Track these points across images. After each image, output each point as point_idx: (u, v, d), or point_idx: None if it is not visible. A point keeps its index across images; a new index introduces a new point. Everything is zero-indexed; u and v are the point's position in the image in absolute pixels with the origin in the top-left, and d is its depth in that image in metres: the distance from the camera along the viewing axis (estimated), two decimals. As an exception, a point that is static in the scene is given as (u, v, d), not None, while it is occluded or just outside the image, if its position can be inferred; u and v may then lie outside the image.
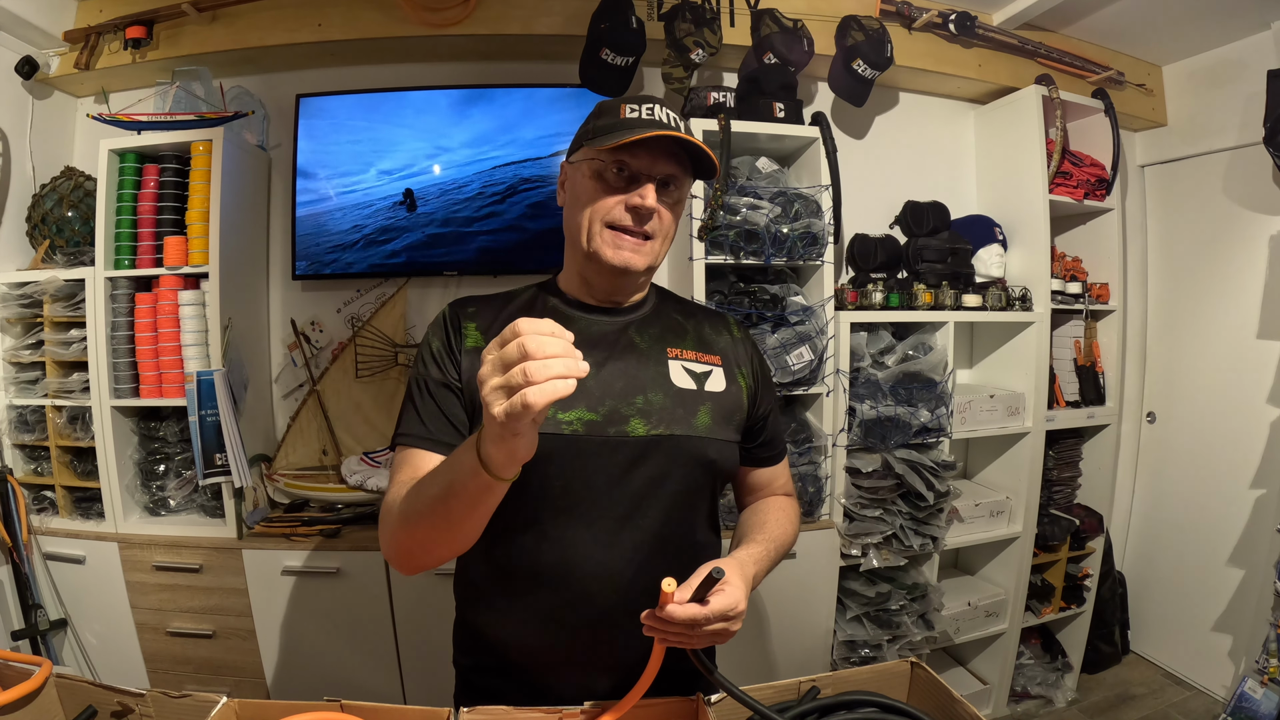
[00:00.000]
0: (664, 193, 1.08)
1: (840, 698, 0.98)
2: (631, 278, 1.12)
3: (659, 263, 1.14)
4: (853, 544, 2.44)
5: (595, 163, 1.08)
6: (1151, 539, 3.32)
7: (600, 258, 1.08)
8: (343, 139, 2.53)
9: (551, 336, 0.71)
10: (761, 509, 1.25)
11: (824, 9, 2.60)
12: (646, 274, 1.14)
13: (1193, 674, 3.08)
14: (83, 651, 2.41)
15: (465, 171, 2.53)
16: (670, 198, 1.10)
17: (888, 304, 2.57)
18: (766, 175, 2.47)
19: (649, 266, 1.11)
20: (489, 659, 1.16)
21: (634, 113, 1.07)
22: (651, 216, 1.07)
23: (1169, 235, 3.27)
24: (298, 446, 2.59)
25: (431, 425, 1.07)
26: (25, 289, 2.38)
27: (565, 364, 0.70)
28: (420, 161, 2.53)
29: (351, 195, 2.53)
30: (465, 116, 2.53)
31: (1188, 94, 3.13)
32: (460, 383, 1.09)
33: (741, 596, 0.93)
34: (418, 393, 1.10)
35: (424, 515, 0.90)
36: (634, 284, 1.17)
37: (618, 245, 1.07)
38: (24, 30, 2.39)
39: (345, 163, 2.53)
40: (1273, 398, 2.77)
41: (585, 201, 1.09)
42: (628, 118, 1.07)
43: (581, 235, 1.10)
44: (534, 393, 0.68)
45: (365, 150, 2.53)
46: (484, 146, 2.53)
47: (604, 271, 1.10)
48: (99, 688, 1.00)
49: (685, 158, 1.09)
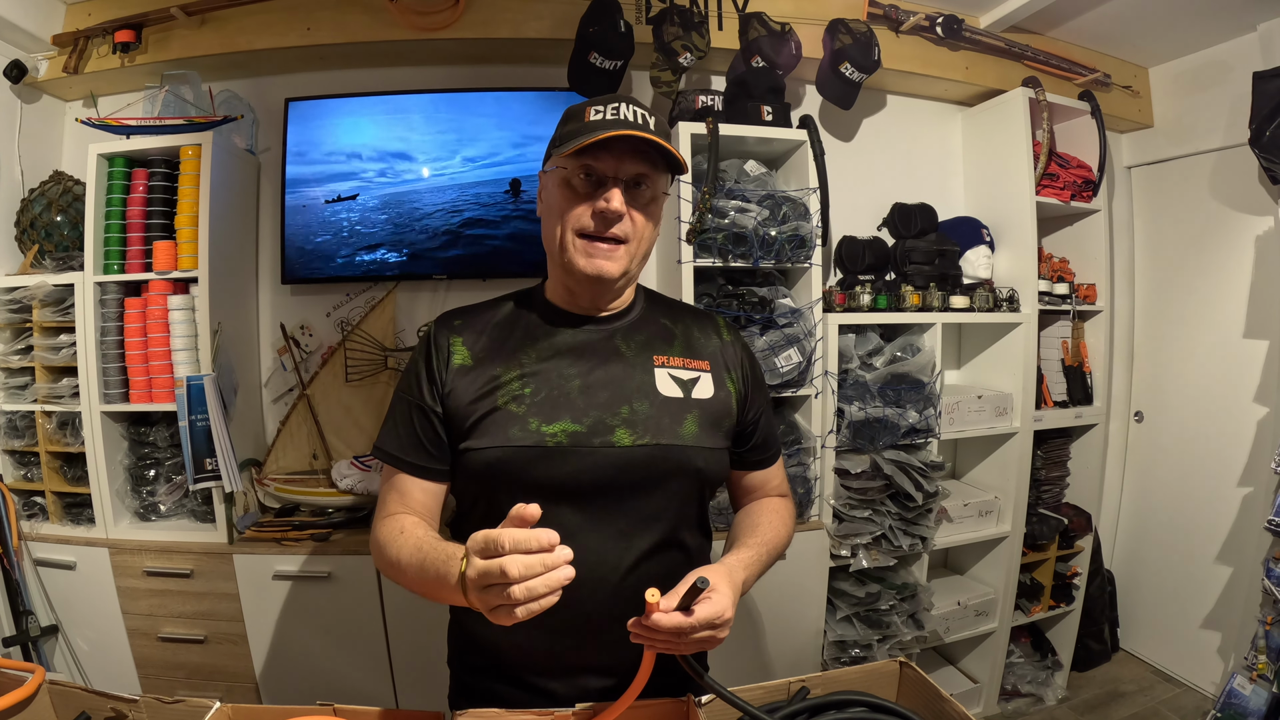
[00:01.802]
0: (635, 193, 1.07)
1: (829, 698, 0.99)
2: (608, 285, 1.10)
3: (637, 267, 1.13)
4: (842, 545, 2.45)
5: (562, 171, 1.07)
6: (1140, 537, 3.34)
7: (574, 268, 1.07)
8: (330, 143, 2.52)
9: (532, 554, 0.76)
10: (754, 511, 1.25)
11: (812, 12, 2.61)
12: (624, 279, 1.11)
13: (1182, 671, 3.10)
14: (74, 658, 2.40)
15: (454, 175, 2.53)
16: (642, 198, 1.08)
17: (876, 306, 2.58)
18: (754, 178, 2.48)
19: (624, 272, 1.09)
20: (483, 661, 1.16)
21: (599, 114, 1.05)
22: (620, 219, 1.05)
23: (1156, 236, 3.29)
24: (288, 451, 2.59)
25: (408, 445, 1.11)
26: (14, 294, 2.37)
27: (547, 581, 0.76)
28: (410, 165, 2.53)
29: (340, 200, 2.52)
30: (452, 120, 2.53)
31: (1174, 96, 3.15)
32: (442, 406, 1.10)
33: (728, 604, 0.94)
34: (400, 409, 1.14)
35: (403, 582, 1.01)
36: (614, 291, 1.15)
37: (590, 254, 1.06)
38: (12, 34, 2.38)
39: (333, 167, 2.53)
40: (1259, 396, 2.80)
41: (557, 211, 1.09)
42: (592, 120, 1.05)
43: (556, 246, 1.10)
44: (522, 611, 0.77)
45: (354, 154, 2.52)
46: (471, 149, 2.53)
47: (581, 281, 1.10)
48: (92, 694, 1.00)
49: (656, 154, 1.06)
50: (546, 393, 1.08)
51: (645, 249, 1.13)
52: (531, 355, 1.12)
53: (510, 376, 1.09)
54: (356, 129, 2.52)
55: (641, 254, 1.12)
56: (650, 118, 1.07)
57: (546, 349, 1.13)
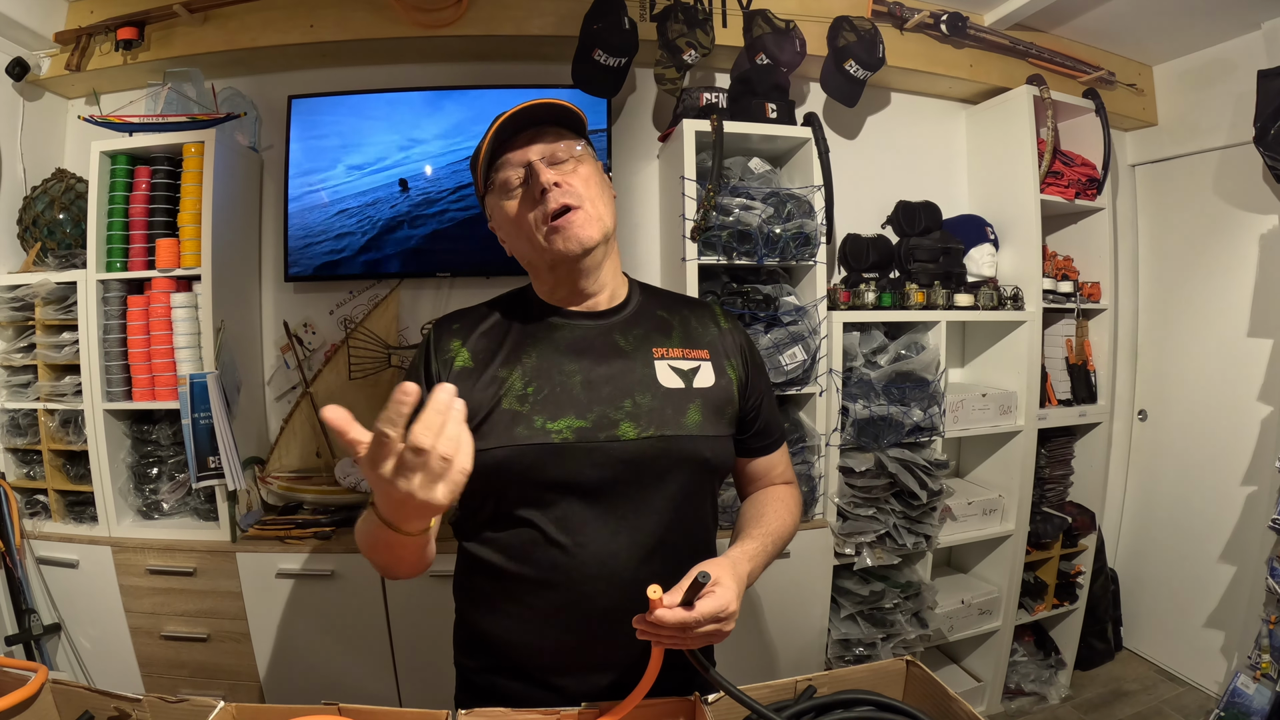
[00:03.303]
0: (560, 168, 1.09)
1: (837, 696, 0.98)
2: (595, 255, 1.11)
3: (610, 224, 1.12)
4: (846, 543, 2.44)
5: (492, 183, 1.12)
6: (1143, 536, 3.34)
7: (557, 252, 1.07)
8: (335, 141, 2.52)
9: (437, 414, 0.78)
10: (759, 500, 1.25)
11: (816, 10, 2.60)
12: (604, 241, 1.11)
13: (1185, 670, 3.09)
14: (77, 656, 2.40)
15: (458, 174, 2.53)
16: (567, 168, 1.09)
17: (880, 304, 2.58)
18: (759, 176, 2.48)
19: (603, 235, 1.10)
20: (490, 659, 1.16)
21: (496, 122, 1.08)
22: (560, 188, 1.06)
23: (1160, 234, 3.29)
24: (291, 449, 2.59)
25: None
26: (16, 292, 2.36)
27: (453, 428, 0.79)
28: (411, 163, 2.52)
29: (344, 198, 2.52)
30: (457, 118, 2.53)
31: (1178, 94, 3.14)
32: None
33: (733, 598, 0.94)
34: None
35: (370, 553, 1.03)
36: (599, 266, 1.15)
37: (561, 231, 1.06)
38: (14, 31, 2.37)
39: (337, 164, 2.52)
40: (1263, 395, 2.79)
41: (514, 221, 1.11)
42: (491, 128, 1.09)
43: (530, 249, 1.12)
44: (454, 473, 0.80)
45: (358, 152, 2.52)
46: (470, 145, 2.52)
47: (571, 262, 1.10)
48: (95, 693, 1.00)
49: (551, 126, 1.10)
50: (549, 390, 1.08)
51: (605, 208, 1.12)
52: (532, 354, 1.12)
53: (512, 376, 1.09)
54: (360, 127, 2.51)
55: (606, 213, 1.12)
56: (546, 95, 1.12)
57: (546, 347, 1.13)
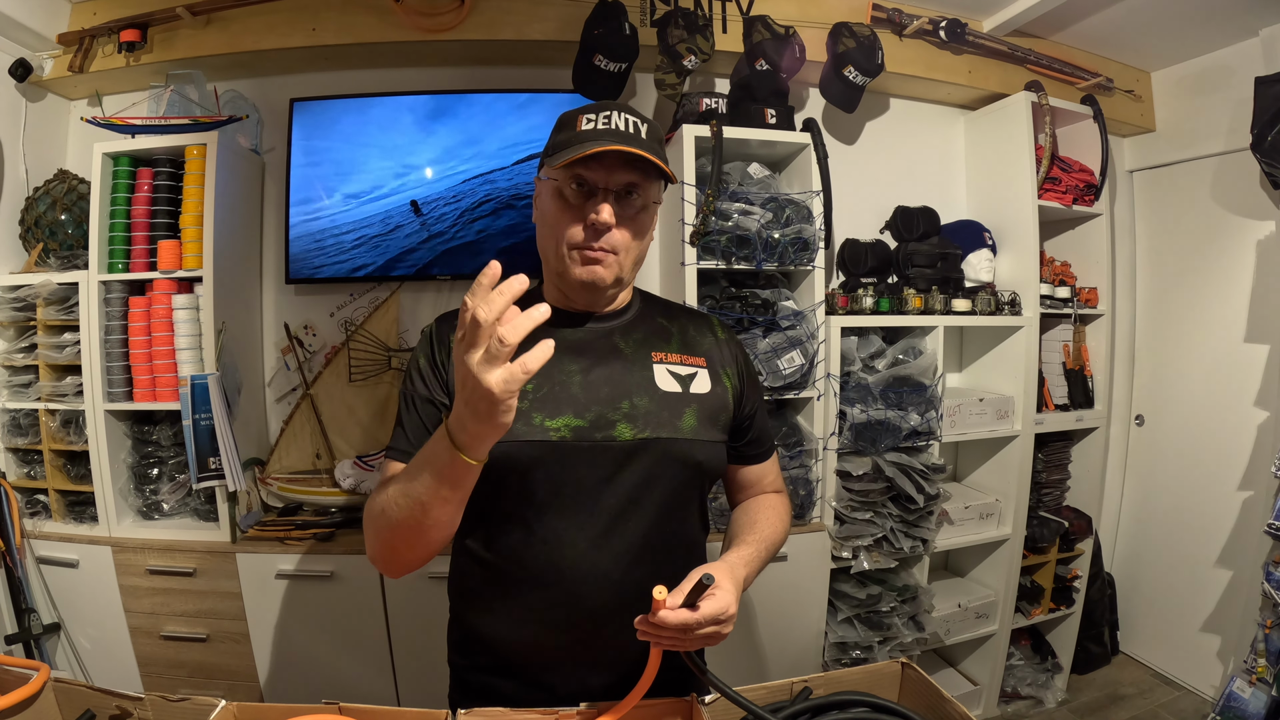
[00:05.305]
0: (626, 202, 1.08)
1: (832, 698, 0.99)
2: (601, 290, 1.11)
3: (630, 273, 1.14)
4: (843, 546, 2.45)
5: (554, 181, 1.08)
6: (1140, 540, 3.35)
7: (569, 276, 1.09)
8: (336, 143, 2.53)
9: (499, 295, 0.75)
10: (751, 508, 1.26)
11: (815, 16, 2.62)
12: (616, 285, 1.13)
13: (1181, 674, 3.10)
14: (76, 656, 2.41)
15: (459, 178, 2.53)
16: (633, 206, 1.08)
17: (878, 308, 2.59)
18: (758, 181, 2.49)
19: (617, 279, 1.10)
20: (483, 659, 1.17)
21: (590, 124, 1.06)
22: (609, 231, 1.06)
23: (1157, 240, 3.30)
24: (291, 450, 2.59)
25: (415, 439, 1.09)
26: (18, 292, 2.37)
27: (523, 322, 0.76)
28: (414, 169, 2.53)
29: (345, 200, 2.53)
30: (460, 123, 2.54)
31: (1176, 100, 3.16)
32: (447, 397, 1.10)
33: (732, 601, 0.95)
34: (405, 408, 1.13)
35: (403, 509, 0.94)
36: (607, 296, 1.16)
37: (583, 262, 1.07)
38: (17, 33, 2.38)
39: (339, 166, 2.53)
40: (1260, 400, 2.80)
41: (550, 223, 1.10)
42: (583, 130, 1.06)
43: (551, 256, 1.12)
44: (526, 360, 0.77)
45: (358, 154, 2.53)
46: (474, 150, 2.53)
47: (576, 287, 1.11)
48: (97, 692, 1.00)
49: (647, 163, 1.05)
50: (549, 389, 1.09)
51: (636, 256, 1.13)
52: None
53: None
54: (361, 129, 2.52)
55: (633, 261, 1.13)
56: (643, 126, 1.08)
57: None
